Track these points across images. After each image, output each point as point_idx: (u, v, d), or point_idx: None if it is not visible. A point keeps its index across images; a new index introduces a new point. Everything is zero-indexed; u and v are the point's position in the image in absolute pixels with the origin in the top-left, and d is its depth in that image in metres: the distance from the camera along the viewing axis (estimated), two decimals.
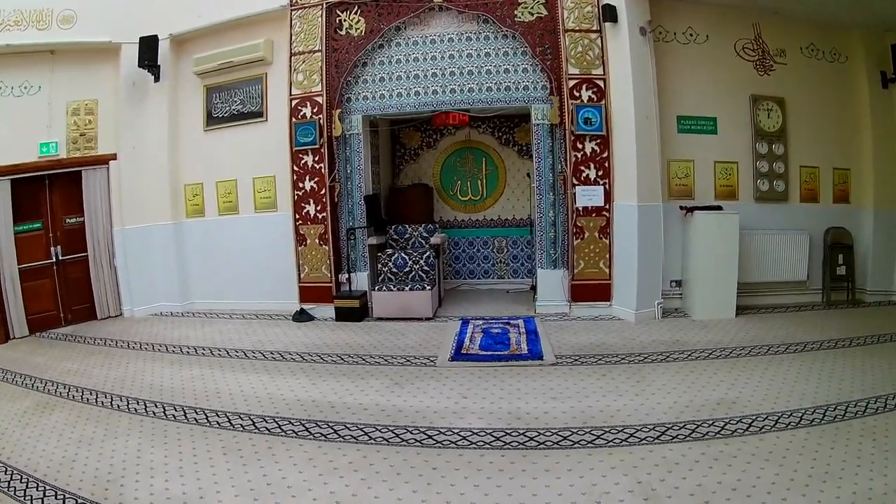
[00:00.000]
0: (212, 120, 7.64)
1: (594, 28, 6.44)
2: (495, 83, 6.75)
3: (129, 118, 7.61)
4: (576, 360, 5.02)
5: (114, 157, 7.62)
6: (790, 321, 6.10)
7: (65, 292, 7.47)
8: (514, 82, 6.73)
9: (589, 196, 6.39)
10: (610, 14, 6.22)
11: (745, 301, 6.44)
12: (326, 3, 6.83)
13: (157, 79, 7.61)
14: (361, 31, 6.76)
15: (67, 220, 7.53)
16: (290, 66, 6.93)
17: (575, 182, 6.39)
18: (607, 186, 6.38)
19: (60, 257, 7.41)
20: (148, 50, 7.34)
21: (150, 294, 7.73)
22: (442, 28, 6.81)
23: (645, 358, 4.99)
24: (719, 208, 6.49)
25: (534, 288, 7.38)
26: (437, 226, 7.69)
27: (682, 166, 6.69)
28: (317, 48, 6.84)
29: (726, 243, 6.24)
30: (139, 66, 7.35)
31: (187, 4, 7.54)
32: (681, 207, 6.56)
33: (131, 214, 7.66)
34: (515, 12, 6.53)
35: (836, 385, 4.22)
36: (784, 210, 6.96)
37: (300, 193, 6.90)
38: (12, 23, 7.03)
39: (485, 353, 5.22)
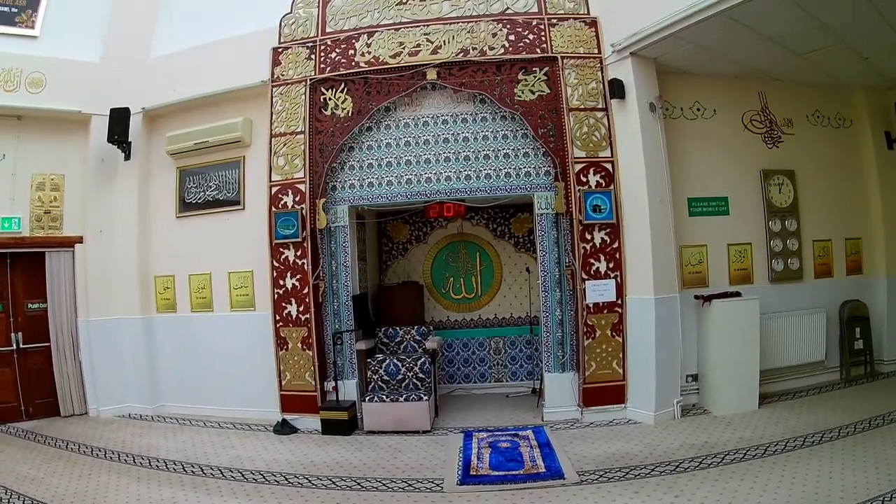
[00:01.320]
0: (185, 206, 7.03)
1: (600, 106, 6.01)
2: (494, 169, 6.23)
3: (96, 199, 7.06)
4: (601, 475, 4.45)
5: (80, 240, 7.05)
6: (816, 406, 5.75)
7: (26, 384, 6.81)
8: (514, 168, 6.23)
9: (600, 291, 5.86)
10: (617, 90, 5.81)
11: (763, 389, 5.98)
12: (310, 80, 6.32)
13: (127, 157, 7.07)
14: (348, 112, 6.23)
15: (29, 305, 6.92)
16: (271, 148, 6.35)
17: (584, 276, 5.86)
18: (619, 279, 5.86)
19: (21, 345, 6.80)
20: (118, 123, 6.80)
21: (117, 393, 7.00)
22: (435, 109, 6.31)
23: (676, 467, 4.47)
24: (738, 294, 6.07)
25: (535, 391, 6.79)
26: (431, 327, 7.02)
27: (695, 252, 6.25)
28: (299, 129, 6.28)
29: (747, 331, 5.81)
30: (108, 140, 6.80)
31: (162, 77, 7.05)
32: (696, 297, 6.08)
33: (98, 305, 7.01)
34: (515, 90, 6.06)
35: (884, 471, 3.98)
36: (799, 289, 6.60)
37: (280, 292, 6.22)
38: None
39: (497, 472, 4.60)
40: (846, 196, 6.96)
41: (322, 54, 6.38)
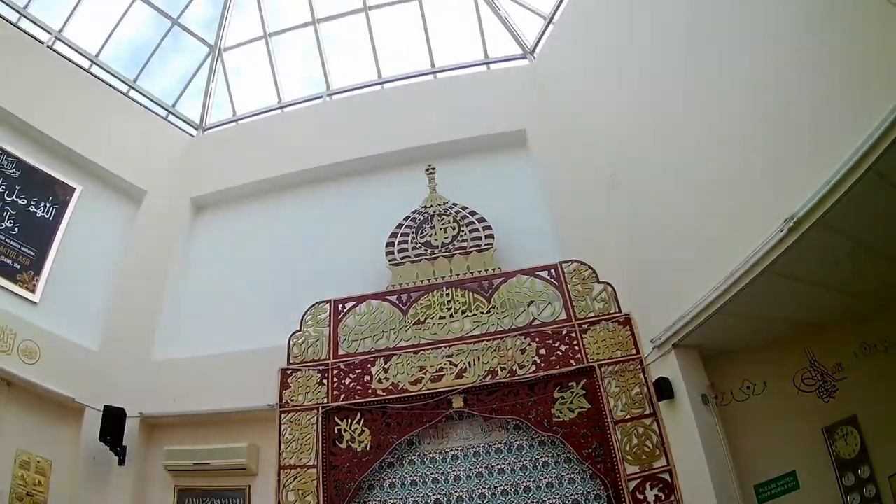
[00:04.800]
0: None
1: (647, 412, 5.45)
2: (537, 503, 5.50)
3: (83, 501, 6.25)
4: None
5: None
6: None
7: None
8: (560, 498, 5.51)
9: None
10: (665, 390, 5.29)
11: None
12: (323, 408, 5.74)
13: (121, 462, 6.35)
14: (366, 445, 5.61)
15: None
16: (279, 481, 5.63)
17: None
18: None
19: None
20: (112, 424, 6.18)
21: None
22: (465, 440, 5.71)
23: None
24: None
25: None
26: None
27: None
28: (311, 463, 5.63)
29: None
30: (100, 439, 6.16)
31: (162, 383, 6.56)
32: None
33: None
34: (553, 411, 5.47)
35: None
36: None
37: None
38: None
39: None
40: None
41: (335, 379, 5.87)
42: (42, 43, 7.89)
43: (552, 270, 6.04)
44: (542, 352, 5.65)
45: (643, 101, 5.96)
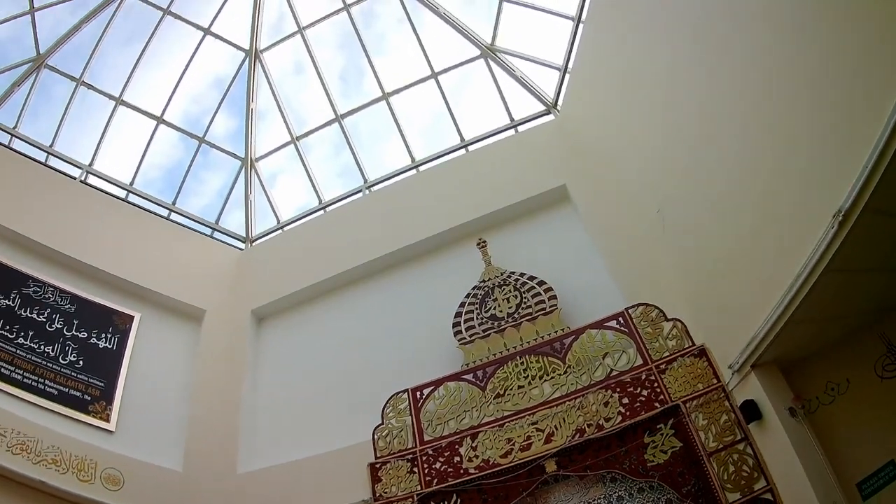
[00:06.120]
0: None
1: (739, 437, 5.45)
2: None
3: None
4: None
5: None
6: None
7: None
8: None
9: None
10: (752, 411, 5.33)
11: None
12: (417, 495, 5.84)
13: None
14: None
15: None
16: None
17: None
18: None
19: None
20: None
21: None
22: (563, 502, 5.69)
23: None
24: None
25: None
26: None
27: None
28: None
29: None
30: None
31: (253, 494, 6.71)
32: None
33: None
34: (646, 456, 5.51)
35: None
36: None
37: None
38: (50, 461, 6.05)
39: None
40: None
41: (425, 465, 5.98)
42: (74, 178, 8.26)
43: (620, 318, 6.11)
44: (626, 401, 5.70)
45: (671, 130, 6.03)
